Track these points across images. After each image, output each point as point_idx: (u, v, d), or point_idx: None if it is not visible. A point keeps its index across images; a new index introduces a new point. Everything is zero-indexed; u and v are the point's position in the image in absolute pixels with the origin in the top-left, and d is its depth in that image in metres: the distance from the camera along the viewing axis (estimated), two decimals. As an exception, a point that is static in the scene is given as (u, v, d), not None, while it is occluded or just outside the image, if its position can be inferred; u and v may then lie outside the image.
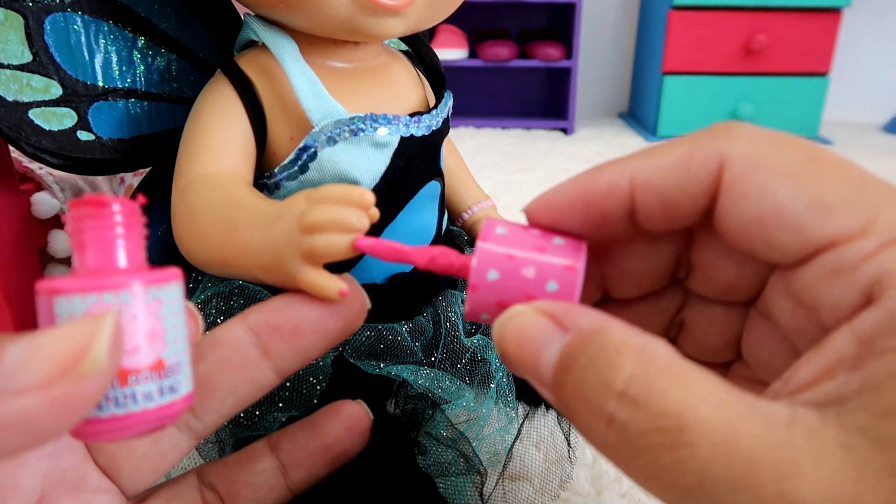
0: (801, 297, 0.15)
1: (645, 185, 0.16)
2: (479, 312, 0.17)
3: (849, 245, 0.14)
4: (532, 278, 0.16)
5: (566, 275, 0.16)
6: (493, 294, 0.17)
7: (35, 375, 0.12)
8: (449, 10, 0.32)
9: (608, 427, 0.13)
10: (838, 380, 0.13)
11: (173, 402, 0.15)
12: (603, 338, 0.14)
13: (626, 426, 0.13)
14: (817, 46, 1.38)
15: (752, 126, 0.16)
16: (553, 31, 1.65)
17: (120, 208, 0.15)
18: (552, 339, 0.15)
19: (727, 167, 0.15)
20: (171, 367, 0.15)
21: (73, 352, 0.13)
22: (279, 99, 0.30)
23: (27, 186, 0.42)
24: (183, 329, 0.16)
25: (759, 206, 0.14)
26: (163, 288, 0.15)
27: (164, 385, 0.15)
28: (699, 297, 0.19)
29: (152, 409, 0.15)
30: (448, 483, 0.29)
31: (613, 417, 0.13)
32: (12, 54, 0.28)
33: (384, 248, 0.19)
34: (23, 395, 0.12)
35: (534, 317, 0.15)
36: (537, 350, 0.15)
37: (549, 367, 0.14)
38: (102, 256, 0.15)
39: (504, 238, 0.17)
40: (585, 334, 0.14)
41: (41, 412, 0.12)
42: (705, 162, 0.15)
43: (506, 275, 0.17)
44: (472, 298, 0.17)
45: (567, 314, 0.15)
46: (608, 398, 0.13)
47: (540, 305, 0.16)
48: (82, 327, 0.13)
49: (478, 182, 0.45)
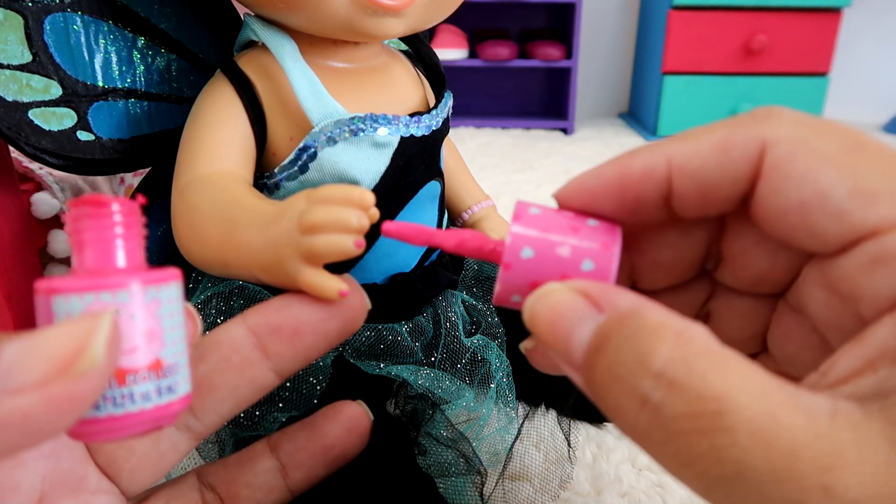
0: (839, 287, 0.14)
1: (683, 169, 0.15)
2: (510, 294, 0.17)
3: (892, 234, 0.13)
4: (567, 257, 0.16)
5: (602, 254, 0.16)
6: (527, 273, 0.16)
7: (32, 374, 0.12)
8: (449, 10, 0.32)
9: (641, 408, 0.12)
10: (880, 373, 0.12)
11: (171, 403, 0.15)
12: (640, 319, 0.13)
13: (661, 408, 0.12)
14: (817, 46, 1.38)
15: (793, 111, 0.15)
16: (553, 31, 1.65)
17: (119, 208, 0.15)
18: (586, 318, 0.14)
19: (769, 151, 0.15)
20: (169, 367, 0.15)
21: (71, 351, 0.13)
22: (279, 99, 0.30)
23: (27, 186, 0.42)
24: (181, 329, 0.16)
25: (801, 191, 0.14)
26: (161, 288, 0.15)
27: (162, 385, 0.15)
28: (727, 289, 0.19)
29: (150, 409, 0.15)
30: (448, 483, 0.29)
31: (648, 399, 0.12)
32: (12, 54, 0.28)
33: (412, 232, 0.18)
34: (19, 394, 0.12)
35: (568, 295, 0.15)
36: (569, 328, 0.14)
37: (580, 346, 0.14)
38: (101, 256, 0.15)
39: (538, 218, 0.17)
40: (622, 314, 0.14)
41: (38, 411, 0.12)
42: (746, 145, 0.15)
43: (540, 253, 0.16)
44: (504, 278, 0.17)
45: (603, 294, 0.14)
46: (644, 378, 0.12)
47: (575, 284, 0.15)
48: (80, 326, 0.13)
49: (478, 182, 0.45)
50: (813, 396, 0.12)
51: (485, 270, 0.39)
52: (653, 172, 0.16)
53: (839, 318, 0.15)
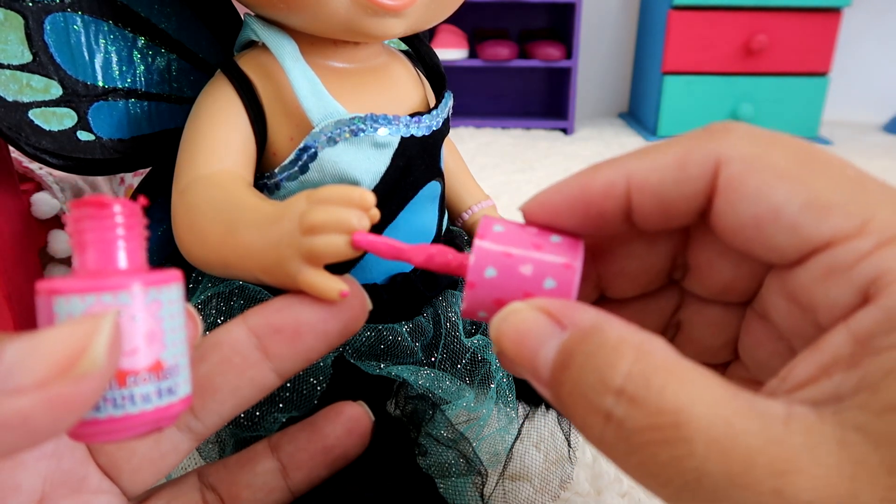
0: (798, 297, 0.15)
1: (641, 186, 0.16)
2: (476, 310, 0.17)
3: (845, 245, 0.14)
4: (529, 276, 0.17)
5: (564, 272, 0.17)
6: (491, 292, 0.17)
7: (32, 375, 0.12)
8: (449, 10, 0.32)
9: (606, 424, 0.13)
10: (835, 378, 0.13)
11: (171, 405, 0.15)
12: (601, 335, 0.14)
13: (624, 423, 0.13)
14: (817, 46, 1.38)
15: (748, 126, 0.16)
16: (553, 31, 1.65)
17: (121, 209, 0.15)
18: (550, 336, 0.15)
19: (723, 167, 0.15)
20: (170, 368, 0.15)
21: (71, 352, 0.13)
22: (279, 99, 0.30)
23: (27, 186, 0.42)
24: (182, 331, 0.16)
25: (755, 207, 0.14)
26: (162, 289, 0.15)
27: (163, 387, 0.15)
28: (696, 298, 0.19)
29: (150, 410, 0.15)
30: (448, 484, 0.29)
31: (611, 414, 0.13)
32: (12, 54, 0.28)
33: (382, 246, 0.19)
34: (19, 395, 0.12)
35: (532, 314, 0.15)
36: (535, 347, 0.15)
37: (546, 364, 0.14)
38: (102, 257, 0.15)
39: (501, 236, 0.17)
40: (583, 331, 0.14)
41: (37, 412, 0.12)
42: (701, 162, 0.15)
43: (503, 272, 0.17)
44: (469, 296, 0.17)
45: (565, 311, 0.15)
46: (606, 395, 0.13)
47: (538, 303, 0.16)
48: (81, 327, 0.13)
49: (478, 182, 0.45)
50: (768, 402, 0.13)
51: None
52: (613, 189, 0.16)
53: (800, 326, 0.15)
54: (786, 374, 0.14)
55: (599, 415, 0.13)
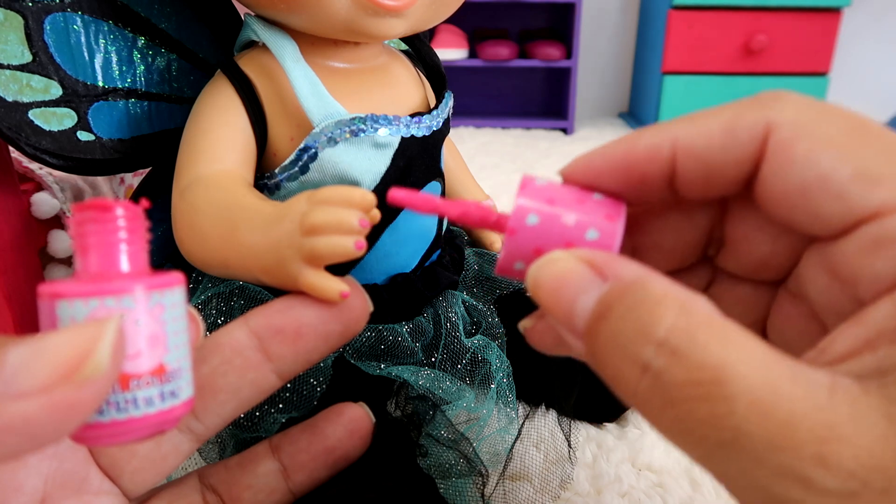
0: (839, 270, 0.15)
1: (687, 150, 0.16)
2: (513, 260, 0.17)
3: (893, 217, 0.13)
4: (572, 226, 0.16)
5: (607, 224, 0.16)
6: (531, 240, 0.16)
7: (36, 379, 0.12)
8: (449, 10, 0.32)
9: (642, 375, 0.13)
10: (879, 352, 0.12)
11: (174, 408, 0.15)
12: (645, 288, 0.13)
13: (662, 375, 0.12)
14: (817, 46, 1.38)
15: (799, 95, 0.15)
16: (553, 31, 1.65)
17: (123, 212, 0.15)
18: (590, 286, 0.14)
19: (773, 133, 0.15)
20: (173, 372, 0.15)
21: (75, 356, 0.13)
22: (280, 99, 0.30)
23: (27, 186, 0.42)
24: (184, 334, 0.16)
25: (803, 174, 0.14)
26: (165, 293, 0.15)
27: (166, 390, 0.15)
28: (727, 276, 0.19)
29: (153, 414, 0.15)
30: (449, 484, 0.29)
31: (649, 366, 0.12)
32: (12, 54, 0.28)
33: (419, 200, 0.18)
34: (23, 399, 0.12)
35: (573, 263, 0.15)
36: (573, 296, 0.14)
37: (584, 313, 0.14)
38: (105, 260, 0.15)
39: (543, 189, 0.17)
40: (626, 284, 0.14)
41: (41, 416, 0.12)
42: (751, 127, 0.15)
43: (545, 220, 0.16)
44: (509, 243, 0.17)
45: (607, 263, 0.15)
46: (646, 346, 0.12)
47: (580, 253, 0.15)
48: (85, 332, 0.13)
49: (478, 182, 0.45)
50: (812, 371, 0.12)
51: (485, 271, 0.39)
52: (658, 153, 0.16)
53: (838, 303, 0.15)
54: (825, 346, 0.14)
55: (637, 366, 0.13)
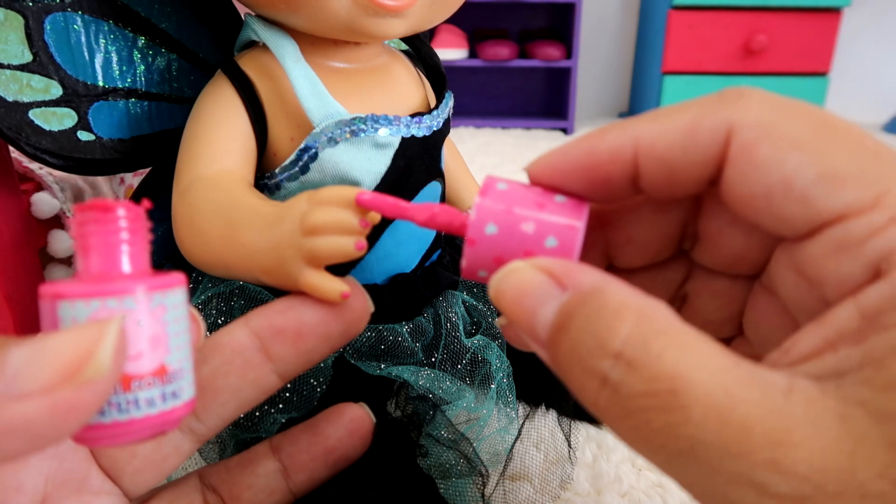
0: (806, 271, 0.15)
1: (649, 151, 0.15)
2: (476, 269, 0.17)
3: (858, 219, 0.13)
4: (531, 234, 0.16)
5: (566, 232, 0.16)
6: (491, 249, 0.16)
7: (37, 380, 0.12)
8: (450, 10, 0.32)
9: (601, 387, 0.13)
10: (840, 353, 0.12)
11: (175, 408, 0.15)
12: (602, 298, 0.13)
13: (620, 387, 0.12)
14: (817, 46, 1.38)
15: (763, 92, 0.15)
16: (553, 31, 1.65)
17: (125, 213, 0.15)
18: (550, 296, 0.14)
19: (735, 135, 0.14)
20: (174, 372, 0.15)
21: (77, 357, 0.13)
22: (280, 99, 0.30)
23: (27, 186, 0.42)
24: (186, 335, 0.16)
25: (766, 177, 0.14)
26: (167, 294, 0.15)
27: (167, 391, 0.15)
28: (704, 270, 0.19)
29: (154, 414, 0.15)
30: (449, 484, 0.29)
31: (607, 378, 0.13)
32: (12, 54, 0.28)
33: (385, 204, 0.18)
34: (24, 401, 0.12)
35: (532, 273, 0.15)
36: (534, 307, 0.14)
37: (545, 325, 0.14)
38: (106, 261, 0.15)
39: (504, 194, 0.17)
40: (584, 293, 0.14)
41: (42, 418, 0.12)
42: (713, 129, 0.15)
43: (504, 229, 0.16)
44: (469, 253, 0.17)
45: (566, 272, 0.15)
46: (603, 359, 0.13)
47: (539, 262, 0.15)
48: (86, 333, 0.13)
49: (478, 182, 0.45)
50: (770, 373, 0.12)
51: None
52: (619, 154, 0.16)
53: (806, 301, 0.15)
54: (789, 346, 0.14)
55: (596, 378, 0.13)
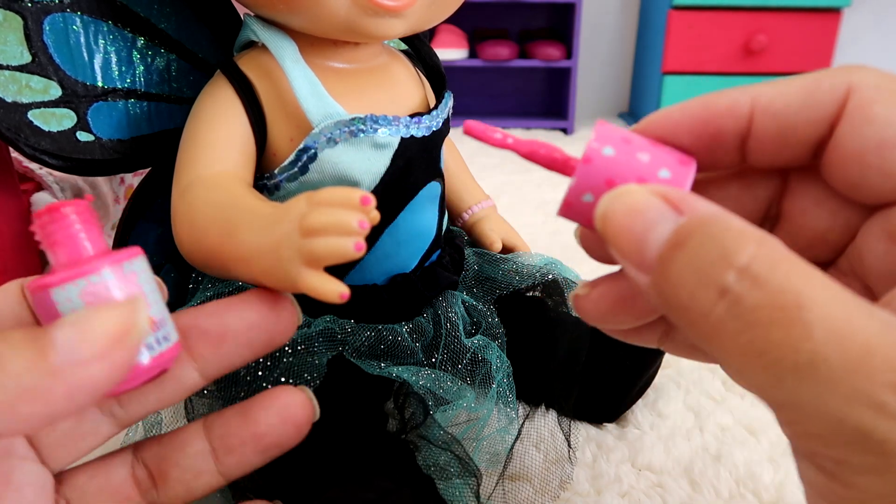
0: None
1: (767, 107, 0.16)
2: (584, 190, 0.17)
3: None
4: (646, 163, 0.16)
5: (680, 166, 0.16)
6: (605, 171, 0.17)
7: (94, 348, 0.15)
8: (449, 10, 0.32)
9: (719, 299, 0.13)
10: None
11: (169, 349, 0.19)
12: (723, 221, 0.13)
13: (742, 299, 0.12)
14: (817, 46, 1.38)
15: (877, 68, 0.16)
16: (553, 31, 1.65)
17: (72, 209, 0.18)
18: (665, 219, 0.14)
19: (853, 95, 0.15)
20: (160, 321, 0.19)
21: (123, 326, 0.16)
22: (279, 100, 0.30)
23: (27, 186, 0.42)
24: (157, 292, 0.19)
25: (882, 132, 0.15)
26: (133, 262, 0.18)
27: (160, 336, 0.18)
28: None
29: (156, 356, 0.18)
30: (448, 485, 0.29)
31: (728, 289, 0.13)
32: (11, 55, 0.28)
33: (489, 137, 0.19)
34: (88, 365, 0.15)
35: (648, 196, 0.15)
36: (647, 227, 0.14)
37: (657, 243, 0.14)
38: (73, 250, 0.17)
39: (619, 130, 0.17)
40: (704, 217, 0.14)
41: (102, 377, 0.15)
42: (832, 88, 0.15)
43: (621, 154, 0.17)
44: (583, 172, 0.17)
45: (684, 198, 0.15)
46: (727, 270, 0.13)
47: (654, 188, 0.15)
48: (124, 308, 0.16)
49: (478, 182, 0.45)
50: (885, 312, 0.13)
51: (485, 271, 0.39)
52: (737, 107, 0.16)
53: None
54: (890, 298, 0.14)
55: (714, 290, 0.13)
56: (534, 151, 0.18)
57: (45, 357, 0.15)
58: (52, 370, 0.15)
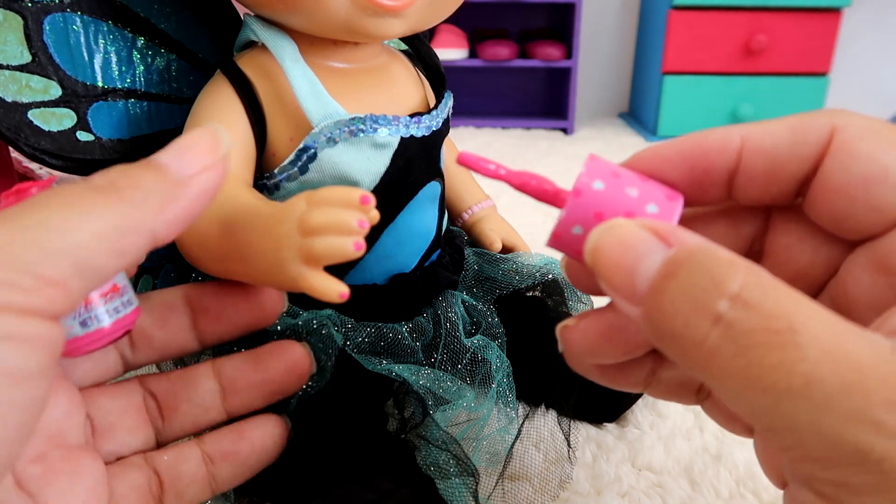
0: (888, 261, 0.15)
1: (756, 145, 0.17)
2: (573, 222, 0.17)
3: None
4: (635, 198, 0.17)
5: (667, 202, 0.17)
6: (594, 205, 0.17)
7: (201, 162, 0.18)
8: (449, 10, 0.32)
9: (713, 325, 0.13)
10: None
11: (132, 312, 0.22)
12: (712, 252, 0.14)
13: (736, 324, 0.13)
14: (817, 46, 1.38)
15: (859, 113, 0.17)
16: (553, 31, 1.65)
17: (37, 189, 0.20)
18: (654, 251, 0.15)
19: (838, 133, 0.16)
20: (123, 288, 0.21)
21: (213, 142, 0.19)
22: (279, 99, 0.30)
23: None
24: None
25: (866, 167, 0.15)
26: None
27: (124, 300, 0.21)
28: None
29: (120, 318, 0.21)
30: (448, 484, 0.29)
31: (722, 316, 0.13)
32: (11, 55, 0.28)
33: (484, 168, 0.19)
34: (199, 175, 0.18)
35: (636, 229, 0.15)
36: (637, 259, 0.15)
37: (647, 274, 0.14)
38: None
39: (609, 165, 0.18)
40: (692, 248, 0.14)
41: (211, 183, 0.19)
42: (818, 127, 0.16)
43: (610, 188, 0.17)
44: (573, 205, 0.17)
45: (672, 232, 0.15)
46: (719, 298, 0.13)
47: (643, 221, 0.16)
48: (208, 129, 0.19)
49: (478, 182, 0.45)
50: (875, 334, 0.13)
51: (485, 271, 0.39)
52: (727, 144, 0.17)
53: (886, 295, 0.16)
54: (880, 323, 0.14)
55: (708, 317, 0.13)
56: (525, 183, 0.18)
57: (167, 174, 0.18)
58: (178, 181, 0.18)
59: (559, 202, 0.18)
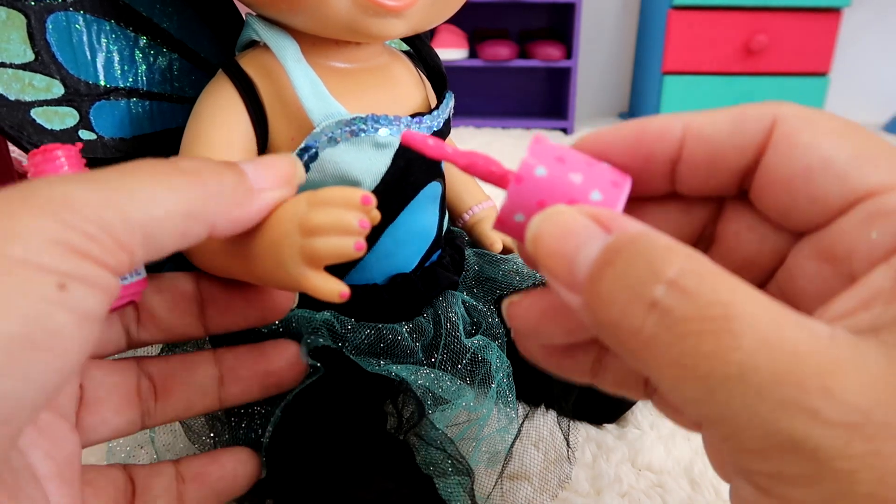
0: (833, 250, 0.15)
1: (697, 133, 0.16)
2: (515, 211, 0.17)
3: (889, 194, 0.14)
4: (578, 184, 0.16)
5: (612, 188, 0.16)
6: (537, 192, 0.17)
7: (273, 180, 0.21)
8: (451, 10, 0.32)
9: (649, 312, 0.13)
10: (874, 311, 0.13)
11: (140, 281, 0.23)
12: (651, 239, 0.14)
13: (671, 311, 0.12)
14: (817, 46, 1.38)
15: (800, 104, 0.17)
16: (553, 31, 1.65)
17: (63, 153, 0.21)
18: (594, 238, 0.14)
19: (779, 123, 0.16)
20: None
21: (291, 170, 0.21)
22: (280, 99, 0.30)
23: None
24: None
25: (807, 157, 0.15)
26: None
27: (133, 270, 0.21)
28: None
29: (127, 286, 0.22)
30: (447, 483, 0.29)
31: (658, 302, 0.13)
32: (14, 53, 0.28)
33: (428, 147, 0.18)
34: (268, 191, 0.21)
35: (577, 216, 0.15)
36: (576, 246, 0.15)
37: (586, 262, 0.14)
38: None
39: (555, 147, 0.17)
40: (632, 235, 0.14)
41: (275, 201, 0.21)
42: (759, 118, 0.16)
43: (553, 174, 0.16)
44: (514, 192, 0.17)
45: (612, 218, 0.15)
46: (656, 284, 0.13)
47: (584, 208, 0.15)
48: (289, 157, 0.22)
49: (478, 183, 0.45)
50: (813, 321, 0.13)
51: (485, 271, 0.39)
52: (668, 132, 0.17)
53: (830, 284, 0.16)
54: (823, 311, 0.14)
55: (643, 304, 0.13)
56: (472, 163, 0.18)
57: (244, 179, 0.20)
58: (250, 189, 0.20)
59: (505, 184, 0.17)
